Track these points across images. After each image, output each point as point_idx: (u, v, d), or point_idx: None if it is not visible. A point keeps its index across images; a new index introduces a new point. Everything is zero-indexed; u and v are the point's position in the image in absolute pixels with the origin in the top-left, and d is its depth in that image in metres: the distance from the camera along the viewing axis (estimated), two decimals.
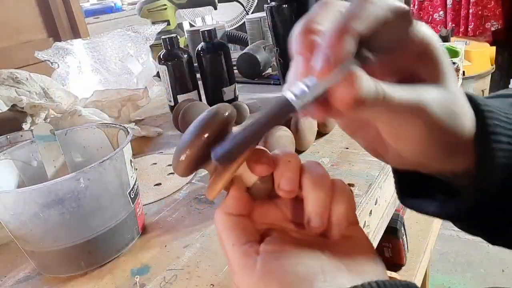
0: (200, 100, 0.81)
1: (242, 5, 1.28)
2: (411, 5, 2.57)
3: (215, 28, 0.77)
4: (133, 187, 0.42)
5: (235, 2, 1.27)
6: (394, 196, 0.54)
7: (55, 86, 0.73)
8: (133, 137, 0.65)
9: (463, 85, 2.07)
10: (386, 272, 0.26)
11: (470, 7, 2.36)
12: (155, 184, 0.55)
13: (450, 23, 2.44)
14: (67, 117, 0.64)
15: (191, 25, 1.52)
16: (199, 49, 0.78)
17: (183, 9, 1.30)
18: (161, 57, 0.76)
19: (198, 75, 0.80)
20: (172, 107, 0.80)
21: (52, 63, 0.85)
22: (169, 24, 1.18)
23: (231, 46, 1.30)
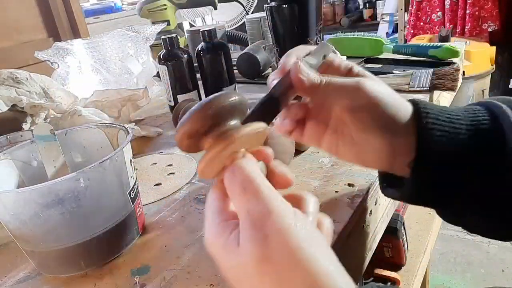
0: (200, 100, 0.81)
1: (242, 5, 1.28)
2: (410, 6, 2.57)
3: (215, 28, 0.77)
4: (133, 187, 0.42)
5: (235, 2, 1.27)
6: None
7: (55, 86, 0.73)
8: (133, 137, 0.65)
9: (463, 85, 2.07)
10: None
11: (467, 8, 2.36)
12: (155, 184, 0.55)
13: (448, 23, 2.44)
14: (67, 117, 0.64)
15: (191, 25, 1.52)
16: (199, 49, 0.78)
17: (183, 9, 1.30)
18: (161, 57, 0.76)
19: (198, 75, 0.80)
20: (172, 107, 0.80)
21: (52, 63, 0.85)
22: (169, 24, 1.18)
23: (231, 46, 1.30)
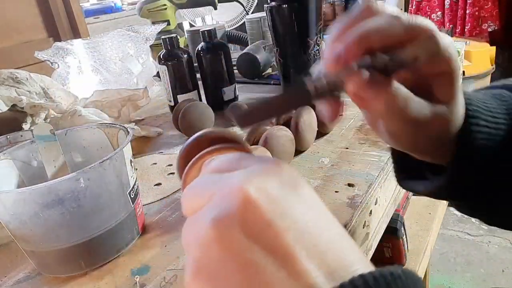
0: (200, 100, 0.81)
1: (242, 5, 1.28)
2: (409, 6, 2.57)
3: (215, 28, 0.77)
4: (133, 187, 0.42)
5: (235, 2, 1.27)
6: (394, 196, 0.54)
7: (55, 86, 0.73)
8: (133, 137, 0.65)
9: (463, 85, 2.07)
10: None
11: (467, 7, 2.36)
12: (155, 184, 0.55)
13: (448, 23, 2.44)
14: (67, 117, 0.64)
15: (191, 25, 1.52)
16: (199, 49, 0.78)
17: (183, 9, 1.30)
18: (161, 57, 0.76)
19: (198, 75, 0.80)
20: (172, 107, 0.80)
21: (52, 63, 0.85)
22: (169, 24, 1.18)
23: (231, 46, 1.30)
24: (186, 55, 0.77)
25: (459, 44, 0.85)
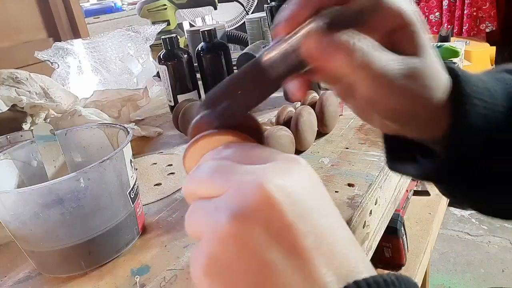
0: (200, 100, 0.81)
1: (242, 5, 1.28)
2: None
3: (215, 28, 0.77)
4: (133, 187, 0.42)
5: (235, 2, 1.27)
6: (394, 196, 0.54)
7: (55, 86, 0.73)
8: (133, 137, 0.65)
9: None
10: None
11: (465, 8, 2.36)
12: (155, 184, 0.55)
13: (446, 24, 2.44)
14: (67, 117, 0.64)
15: (191, 25, 1.52)
16: (199, 49, 0.78)
17: (183, 9, 1.30)
18: (161, 57, 0.76)
19: (198, 75, 0.80)
20: (172, 107, 0.80)
21: (52, 63, 0.85)
22: (169, 24, 1.18)
23: (231, 46, 1.30)
24: (186, 55, 0.77)
25: (459, 44, 0.85)
